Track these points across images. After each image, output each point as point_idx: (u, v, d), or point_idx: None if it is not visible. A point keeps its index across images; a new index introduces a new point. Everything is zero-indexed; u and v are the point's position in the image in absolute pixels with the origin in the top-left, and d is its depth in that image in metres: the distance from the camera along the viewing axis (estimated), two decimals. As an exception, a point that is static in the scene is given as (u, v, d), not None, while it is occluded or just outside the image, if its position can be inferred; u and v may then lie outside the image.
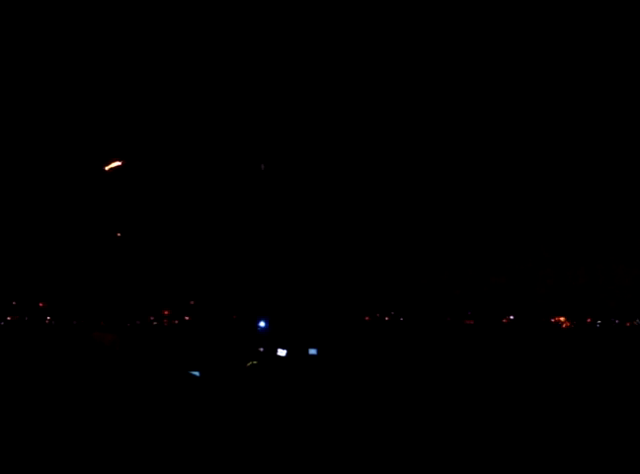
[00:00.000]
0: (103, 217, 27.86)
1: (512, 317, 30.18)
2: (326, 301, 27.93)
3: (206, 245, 28.83)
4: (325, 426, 10.80)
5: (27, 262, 27.59)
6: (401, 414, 11.96)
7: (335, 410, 12.03)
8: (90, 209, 27.58)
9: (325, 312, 27.39)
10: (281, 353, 15.30)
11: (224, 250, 28.94)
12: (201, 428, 10.56)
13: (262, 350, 16.67)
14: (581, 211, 28.86)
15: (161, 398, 12.82)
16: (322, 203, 28.28)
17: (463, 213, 29.41)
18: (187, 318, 29.34)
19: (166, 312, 29.84)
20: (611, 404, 13.20)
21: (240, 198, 28.12)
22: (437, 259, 30.88)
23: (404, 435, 10.32)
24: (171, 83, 25.55)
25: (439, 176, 28.67)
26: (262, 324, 20.62)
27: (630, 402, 13.46)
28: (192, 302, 29.47)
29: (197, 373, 14.01)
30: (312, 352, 15.95)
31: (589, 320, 30.10)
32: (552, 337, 28.09)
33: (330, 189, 28.14)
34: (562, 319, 30.48)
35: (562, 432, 10.72)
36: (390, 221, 29.61)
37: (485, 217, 29.39)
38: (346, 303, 28.59)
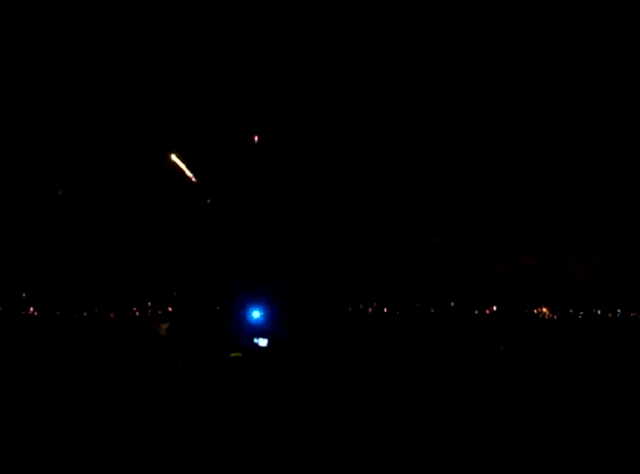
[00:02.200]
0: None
1: (494, 308, 30.26)
2: (309, 292, 27.91)
3: (190, 236, 28.75)
4: (309, 420, 10.78)
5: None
6: (385, 408, 11.95)
7: (317, 404, 12.01)
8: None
9: (307, 303, 27.38)
10: (262, 342, 15.26)
11: (207, 241, 28.86)
12: (187, 421, 10.51)
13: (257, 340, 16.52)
14: (563, 202, 28.98)
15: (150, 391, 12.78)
16: (303, 193, 28.23)
17: (445, 208, 29.46)
18: (169, 309, 29.22)
19: (149, 303, 29.72)
20: (601, 397, 13.26)
21: (223, 191, 28.06)
22: (419, 250, 30.90)
23: (389, 431, 10.30)
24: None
25: (421, 165, 28.69)
26: (255, 314, 20.47)
27: (618, 394, 13.52)
28: (174, 293, 29.38)
29: (181, 364, 13.97)
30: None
31: (570, 311, 30.24)
32: (537, 328, 28.22)
33: (309, 179, 28.09)
34: (544, 310, 30.60)
35: (556, 425, 10.74)
36: (372, 211, 29.61)
37: (465, 211, 29.46)
38: (328, 294, 28.59)
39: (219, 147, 26.56)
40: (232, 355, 17.43)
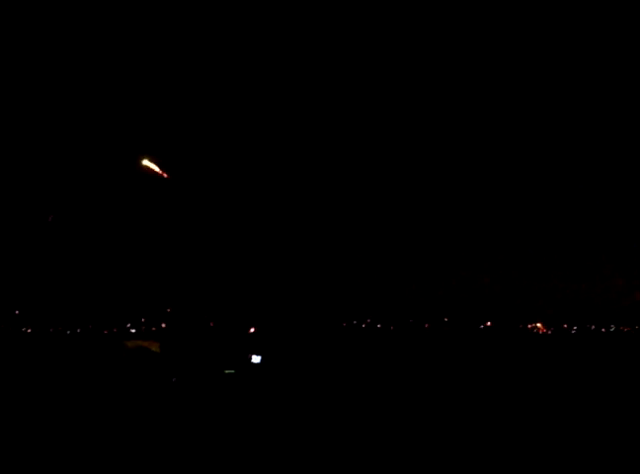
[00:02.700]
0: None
1: (489, 323, 30.31)
2: (304, 308, 27.94)
3: (185, 251, 28.76)
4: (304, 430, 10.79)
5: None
6: (379, 420, 11.96)
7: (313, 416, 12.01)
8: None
9: (302, 319, 27.39)
10: (255, 359, 15.23)
11: (201, 257, 28.86)
12: (180, 434, 10.53)
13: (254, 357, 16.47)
14: (560, 220, 29.09)
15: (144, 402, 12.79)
16: (301, 206, 28.32)
17: (441, 227, 29.59)
18: (163, 325, 29.20)
19: (143, 319, 29.70)
20: (595, 407, 13.29)
21: (217, 205, 28.07)
22: (414, 267, 31.05)
23: (381, 440, 10.32)
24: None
25: (420, 178, 28.82)
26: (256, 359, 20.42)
27: (613, 404, 13.56)
28: (168, 309, 29.35)
29: (175, 379, 13.97)
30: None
31: (564, 326, 30.31)
32: (531, 343, 28.22)
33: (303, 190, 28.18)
34: (539, 325, 30.66)
35: (549, 434, 10.76)
36: (369, 228, 29.72)
37: (460, 230, 29.58)
38: (323, 310, 28.62)
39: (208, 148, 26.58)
40: (226, 371, 17.42)
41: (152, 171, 19.72)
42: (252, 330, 21.25)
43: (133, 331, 29.14)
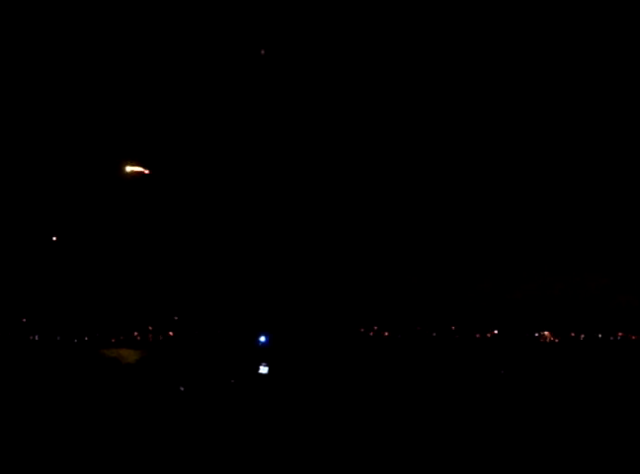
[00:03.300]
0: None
1: (496, 331, 30.25)
2: (311, 315, 27.88)
3: (190, 258, 28.74)
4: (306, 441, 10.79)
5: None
6: (383, 429, 11.94)
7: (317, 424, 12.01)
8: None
9: (310, 326, 27.34)
10: (263, 370, 15.27)
11: (208, 263, 28.84)
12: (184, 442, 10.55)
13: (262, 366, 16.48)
14: (563, 224, 29.01)
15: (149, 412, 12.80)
16: (306, 212, 28.26)
17: (442, 234, 29.50)
18: (170, 333, 29.24)
19: (150, 327, 29.73)
20: (601, 415, 13.25)
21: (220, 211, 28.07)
22: (420, 275, 30.90)
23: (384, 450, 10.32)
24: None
25: (421, 183, 28.72)
26: (262, 339, 20.40)
27: (618, 412, 13.52)
28: (175, 318, 29.36)
29: (183, 388, 13.99)
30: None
31: (572, 334, 30.23)
32: (538, 351, 28.12)
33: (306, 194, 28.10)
34: (546, 333, 30.57)
35: (553, 443, 10.75)
36: (371, 234, 29.62)
37: (463, 237, 29.51)
38: (330, 317, 28.55)
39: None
40: (232, 380, 17.48)
41: (139, 174, 19.70)
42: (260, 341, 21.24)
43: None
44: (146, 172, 19.57)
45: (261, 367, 15.03)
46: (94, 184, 26.04)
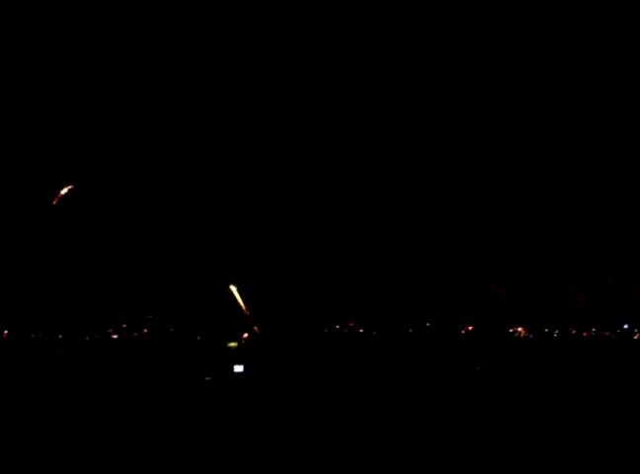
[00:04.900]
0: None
1: (470, 328, 30.34)
2: (283, 311, 27.80)
3: (163, 257, 28.58)
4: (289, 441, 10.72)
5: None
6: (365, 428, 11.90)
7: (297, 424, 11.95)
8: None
9: (282, 323, 27.26)
10: (238, 368, 15.18)
11: (183, 261, 28.69)
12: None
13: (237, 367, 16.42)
14: (542, 224, 29.18)
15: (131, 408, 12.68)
16: (285, 205, 28.19)
17: (426, 228, 29.55)
18: (145, 331, 29.01)
19: (124, 325, 29.48)
20: (585, 413, 13.34)
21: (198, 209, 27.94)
22: (396, 270, 30.95)
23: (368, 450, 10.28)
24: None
25: (406, 182, 28.75)
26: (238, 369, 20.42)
27: (601, 409, 13.62)
28: (149, 316, 29.15)
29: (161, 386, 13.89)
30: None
31: (546, 330, 30.40)
32: (514, 347, 28.32)
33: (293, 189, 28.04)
34: (520, 329, 30.73)
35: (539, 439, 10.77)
36: (353, 229, 29.61)
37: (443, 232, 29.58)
38: (303, 314, 28.50)
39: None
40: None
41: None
42: (245, 335, 21.13)
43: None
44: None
45: (235, 367, 14.96)
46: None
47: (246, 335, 23.08)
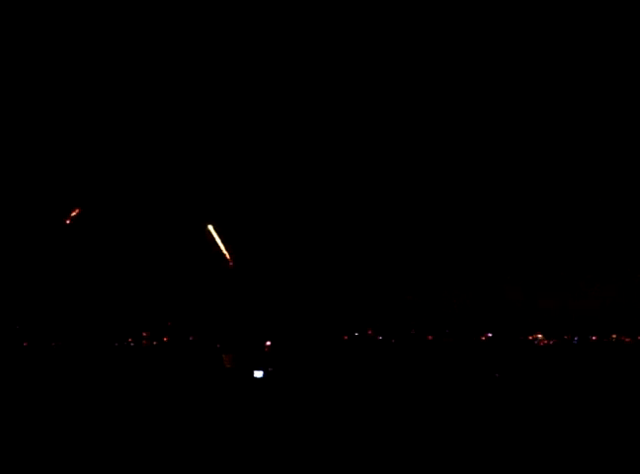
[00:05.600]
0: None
1: (489, 334, 30.27)
2: (304, 318, 27.89)
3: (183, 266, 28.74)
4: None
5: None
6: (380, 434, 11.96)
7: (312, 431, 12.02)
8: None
9: (301, 330, 27.35)
10: (258, 374, 15.27)
11: (201, 269, 28.85)
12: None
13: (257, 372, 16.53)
14: (555, 228, 29.09)
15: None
16: (296, 210, 28.25)
17: (435, 236, 29.54)
18: (165, 339, 29.18)
19: (144, 333, 29.67)
20: (599, 418, 13.32)
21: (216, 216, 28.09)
22: (413, 277, 30.93)
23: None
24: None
25: (413, 187, 28.75)
26: (258, 374, 20.52)
27: (615, 415, 13.59)
28: (169, 323, 29.32)
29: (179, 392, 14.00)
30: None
31: (566, 337, 30.26)
32: (534, 354, 28.21)
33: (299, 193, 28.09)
34: (539, 336, 30.61)
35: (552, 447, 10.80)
36: (366, 237, 29.64)
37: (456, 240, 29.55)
38: (323, 321, 28.57)
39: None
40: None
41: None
42: (268, 343, 21.22)
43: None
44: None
45: (255, 372, 15.05)
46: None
47: (268, 343, 23.20)
